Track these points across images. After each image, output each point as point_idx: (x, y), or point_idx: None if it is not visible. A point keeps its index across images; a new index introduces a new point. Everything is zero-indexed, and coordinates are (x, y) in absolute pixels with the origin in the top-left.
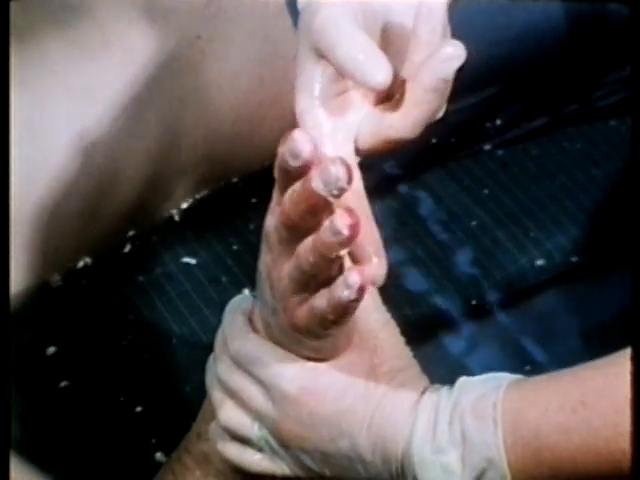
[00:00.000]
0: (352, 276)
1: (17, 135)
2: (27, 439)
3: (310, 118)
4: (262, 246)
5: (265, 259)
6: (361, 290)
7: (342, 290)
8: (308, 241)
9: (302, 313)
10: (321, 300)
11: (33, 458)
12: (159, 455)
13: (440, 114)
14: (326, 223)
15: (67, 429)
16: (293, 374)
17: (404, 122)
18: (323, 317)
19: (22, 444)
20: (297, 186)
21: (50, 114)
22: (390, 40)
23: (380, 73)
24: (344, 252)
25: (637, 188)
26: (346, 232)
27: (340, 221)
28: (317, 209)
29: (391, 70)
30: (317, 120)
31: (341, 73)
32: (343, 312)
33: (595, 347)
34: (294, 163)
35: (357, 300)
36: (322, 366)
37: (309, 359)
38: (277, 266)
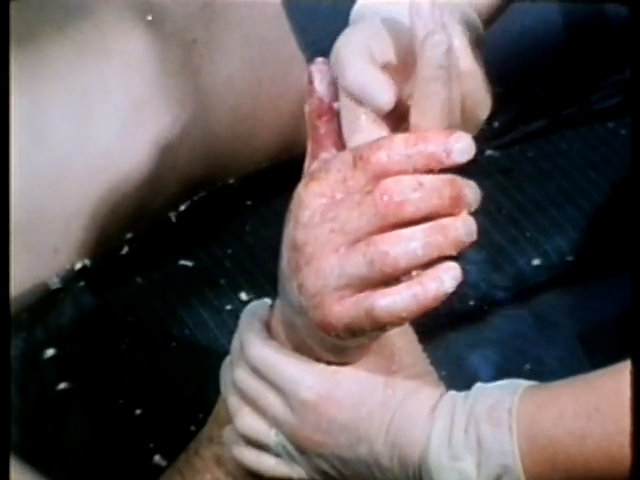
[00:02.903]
0: (453, 269)
1: (16, 136)
2: (25, 442)
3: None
4: (284, 244)
5: (293, 257)
6: (459, 284)
7: (442, 283)
8: (414, 234)
9: (344, 311)
10: (394, 298)
11: (31, 460)
12: (157, 458)
13: (481, 113)
14: (456, 222)
15: (66, 432)
16: (311, 381)
17: (422, 118)
18: (392, 316)
19: (20, 447)
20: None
21: (49, 116)
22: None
23: (384, 96)
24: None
25: (637, 189)
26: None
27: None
28: None
29: (393, 91)
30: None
31: (352, 97)
32: (430, 308)
33: (593, 346)
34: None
35: (453, 293)
36: (340, 373)
37: (329, 363)
38: (316, 262)
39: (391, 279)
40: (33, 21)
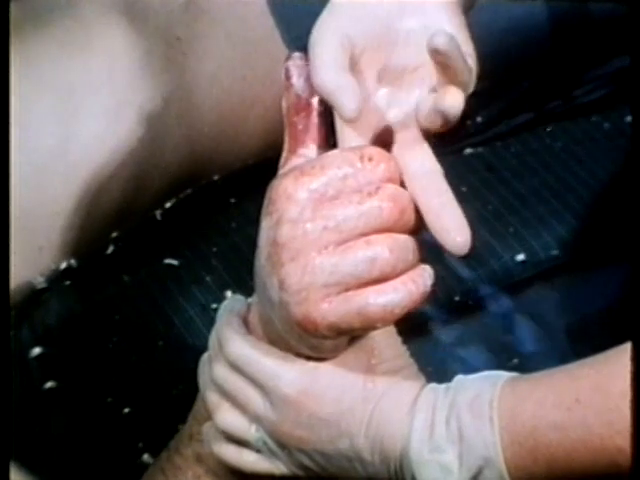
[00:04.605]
0: (429, 269)
1: None
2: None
3: None
4: (264, 239)
5: (275, 252)
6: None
7: (425, 281)
8: (407, 240)
9: (332, 309)
10: (390, 295)
11: (19, 460)
12: (146, 457)
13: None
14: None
15: (53, 431)
16: (292, 377)
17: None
18: (386, 313)
19: None
20: None
21: (33, 114)
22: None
23: (348, 107)
24: None
25: (637, 185)
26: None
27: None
28: None
29: (357, 100)
30: None
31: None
32: (418, 305)
33: (579, 340)
34: None
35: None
36: (320, 368)
37: (307, 358)
38: (303, 258)
39: (383, 280)
40: (17, 18)
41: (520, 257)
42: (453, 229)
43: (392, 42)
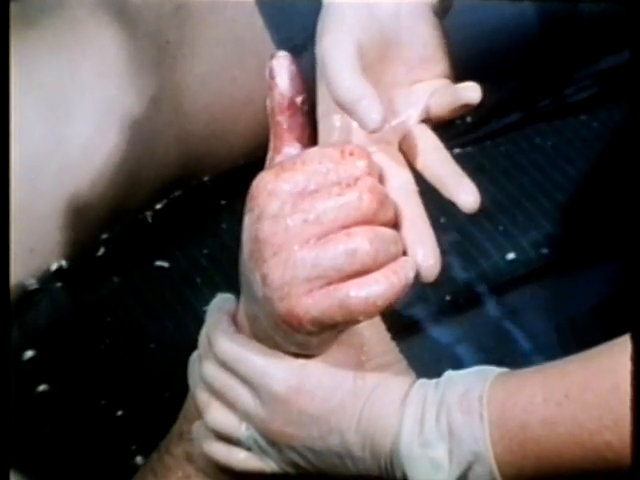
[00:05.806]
0: (411, 261)
1: None
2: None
3: None
4: (246, 236)
5: (256, 248)
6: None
7: (407, 273)
8: (387, 233)
9: (314, 303)
10: (371, 287)
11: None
12: (139, 459)
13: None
14: None
15: (46, 434)
16: (281, 374)
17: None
18: (368, 305)
19: None
20: None
21: (25, 115)
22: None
23: (374, 120)
24: None
25: (637, 183)
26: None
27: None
28: None
29: (382, 112)
30: None
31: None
32: (401, 297)
33: (568, 337)
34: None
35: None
36: (310, 365)
37: (295, 355)
38: (285, 253)
39: (365, 272)
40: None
41: (510, 256)
42: (423, 255)
43: (388, 55)
